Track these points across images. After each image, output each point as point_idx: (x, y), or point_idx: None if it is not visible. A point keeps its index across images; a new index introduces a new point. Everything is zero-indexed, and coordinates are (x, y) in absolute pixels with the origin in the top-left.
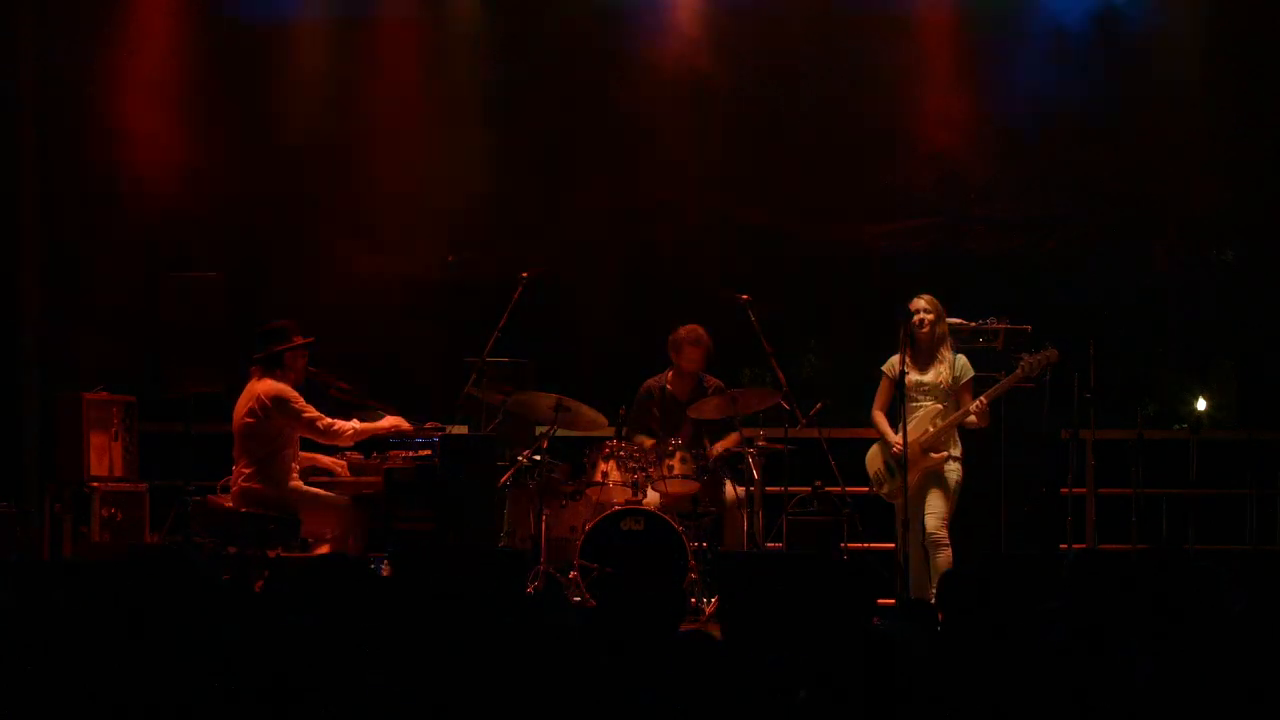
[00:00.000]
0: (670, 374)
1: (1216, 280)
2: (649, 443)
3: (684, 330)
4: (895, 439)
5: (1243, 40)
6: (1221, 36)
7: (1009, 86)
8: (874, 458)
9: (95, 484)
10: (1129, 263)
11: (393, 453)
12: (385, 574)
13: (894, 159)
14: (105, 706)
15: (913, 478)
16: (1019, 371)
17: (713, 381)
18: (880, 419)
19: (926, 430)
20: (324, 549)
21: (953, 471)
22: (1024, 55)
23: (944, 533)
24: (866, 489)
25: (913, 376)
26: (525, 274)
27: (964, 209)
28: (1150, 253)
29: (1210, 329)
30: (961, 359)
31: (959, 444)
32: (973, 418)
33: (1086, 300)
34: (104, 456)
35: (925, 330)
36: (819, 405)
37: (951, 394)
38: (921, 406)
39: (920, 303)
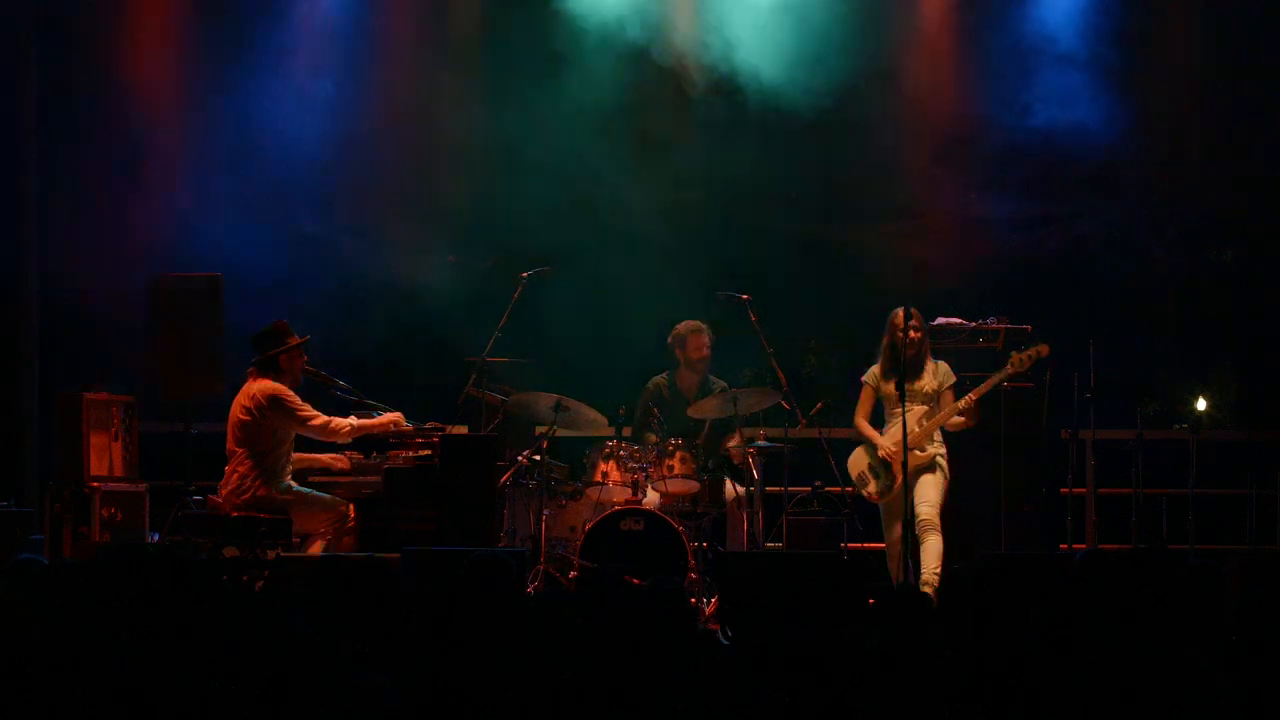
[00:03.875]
0: (674, 372)
1: (1216, 280)
2: (654, 439)
3: (683, 324)
4: (884, 442)
5: (1243, 39)
6: (1221, 35)
7: (1009, 85)
8: (858, 459)
9: (95, 484)
10: (1129, 262)
11: (393, 453)
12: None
13: (894, 158)
14: (105, 706)
15: (899, 479)
16: (1008, 368)
17: (719, 383)
18: (864, 425)
19: (912, 430)
20: (317, 547)
21: (939, 465)
22: (1024, 54)
23: (936, 518)
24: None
25: (897, 391)
26: (525, 274)
27: (967, 209)
28: (1150, 253)
29: (1210, 329)
30: (943, 366)
31: (942, 443)
32: (959, 418)
33: (1087, 300)
34: (104, 456)
35: (914, 338)
36: (819, 405)
37: (935, 398)
38: (909, 409)
39: (907, 319)
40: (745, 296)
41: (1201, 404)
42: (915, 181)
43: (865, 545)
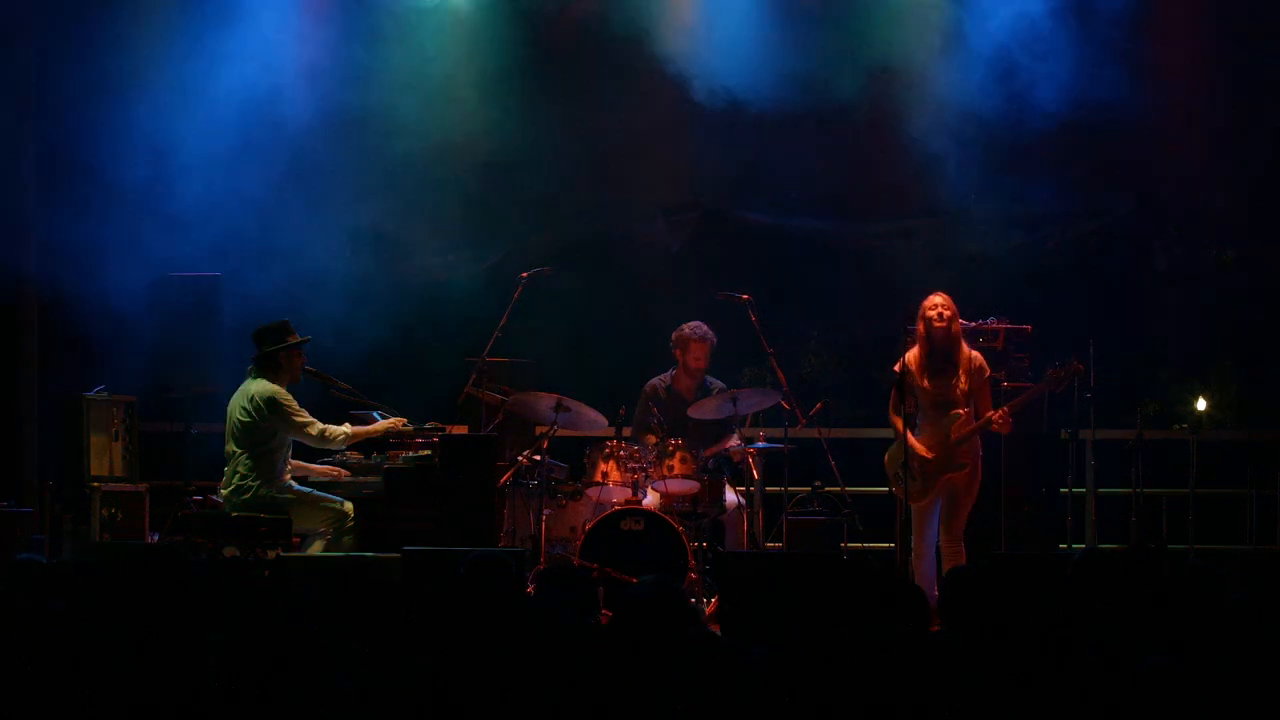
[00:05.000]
0: (674, 373)
1: (1216, 280)
2: (654, 440)
3: (689, 327)
4: (921, 450)
5: (1245, 38)
6: (1222, 35)
7: (1009, 86)
8: (894, 458)
9: (95, 484)
10: (1129, 262)
11: (393, 453)
12: None
13: (894, 158)
14: (105, 706)
15: (936, 483)
16: (1044, 385)
17: (716, 383)
18: (899, 422)
19: (948, 437)
20: (318, 547)
21: (974, 480)
22: (1022, 55)
23: (961, 534)
24: (865, 489)
25: (931, 383)
26: (525, 274)
27: (964, 209)
28: (1150, 253)
29: (1210, 329)
30: (977, 357)
31: (979, 448)
32: (995, 426)
33: (1087, 299)
34: (104, 456)
35: (942, 326)
36: (819, 405)
37: (971, 396)
38: (945, 413)
39: (936, 299)
40: (745, 296)
41: (1201, 404)
42: (916, 180)
43: (865, 545)
